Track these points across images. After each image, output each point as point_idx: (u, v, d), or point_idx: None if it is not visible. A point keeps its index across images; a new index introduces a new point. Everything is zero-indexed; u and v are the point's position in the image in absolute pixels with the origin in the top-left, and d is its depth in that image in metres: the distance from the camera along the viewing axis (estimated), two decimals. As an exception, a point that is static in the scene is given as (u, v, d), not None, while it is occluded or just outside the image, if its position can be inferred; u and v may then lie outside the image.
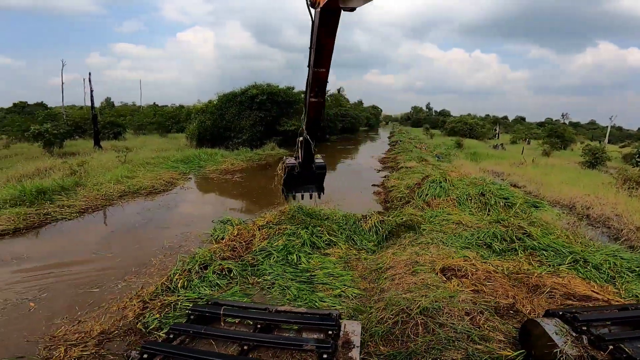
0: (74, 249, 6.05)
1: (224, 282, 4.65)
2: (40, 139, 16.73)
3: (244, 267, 5.03)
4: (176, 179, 12.01)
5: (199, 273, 4.77)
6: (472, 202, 7.90)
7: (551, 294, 3.81)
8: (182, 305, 4.02)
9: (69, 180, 9.62)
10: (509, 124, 72.25)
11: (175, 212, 8.45)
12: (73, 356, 3.19)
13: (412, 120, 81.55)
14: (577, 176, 13.14)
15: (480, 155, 19.99)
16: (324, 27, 3.94)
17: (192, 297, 4.22)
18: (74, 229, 7.19)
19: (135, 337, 3.53)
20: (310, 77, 4.64)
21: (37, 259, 5.64)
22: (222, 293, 4.38)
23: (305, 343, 2.28)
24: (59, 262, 5.51)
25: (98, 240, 6.51)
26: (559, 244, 5.46)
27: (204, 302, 3.89)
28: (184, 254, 5.66)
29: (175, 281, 4.53)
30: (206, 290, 4.41)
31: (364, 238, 6.40)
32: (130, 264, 5.45)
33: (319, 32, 3.99)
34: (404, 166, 14.45)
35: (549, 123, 67.33)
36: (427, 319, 3.24)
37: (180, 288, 4.41)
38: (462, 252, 5.26)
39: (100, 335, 3.51)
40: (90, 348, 3.31)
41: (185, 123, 25.72)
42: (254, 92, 20.85)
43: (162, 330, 3.61)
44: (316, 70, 4.42)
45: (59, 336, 3.54)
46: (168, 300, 4.12)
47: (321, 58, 4.32)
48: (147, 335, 3.56)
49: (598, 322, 2.30)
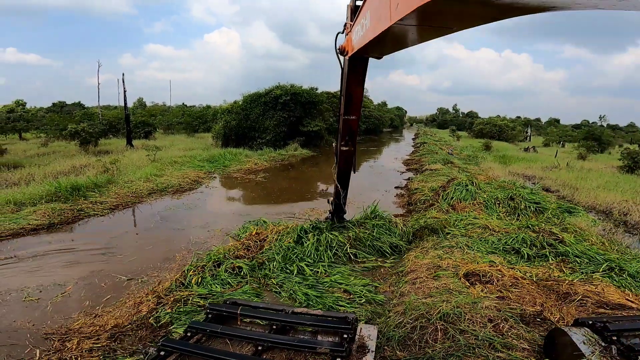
0: (104, 244, 6.31)
1: (235, 280, 4.66)
2: (77, 138, 17.57)
3: (252, 267, 5.01)
4: (202, 178, 12.31)
5: (211, 270, 4.81)
6: (500, 207, 7.62)
7: (582, 302, 3.60)
8: (193, 301, 4.07)
9: (102, 178, 10.06)
10: (541, 126, 69.32)
11: (201, 211, 8.65)
12: (85, 348, 3.26)
13: (437, 122, 79.91)
14: (614, 181, 12.42)
15: (510, 158, 19.29)
16: (352, 74, 4.03)
17: (203, 293, 4.27)
18: (106, 224, 7.50)
19: (147, 332, 3.58)
20: (340, 126, 4.74)
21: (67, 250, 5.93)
22: (233, 291, 4.39)
23: (320, 346, 2.26)
24: (80, 258, 5.77)
25: (125, 236, 6.76)
26: (594, 251, 5.16)
27: (216, 300, 3.97)
28: (205, 250, 5.77)
29: (189, 277, 4.61)
30: (217, 287, 4.44)
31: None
32: (156, 259, 5.62)
33: (348, 79, 4.10)
34: (428, 168, 14.16)
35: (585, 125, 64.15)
36: (447, 325, 3.14)
37: (193, 284, 4.47)
38: (487, 257, 5.08)
39: (114, 329, 3.58)
40: (102, 341, 3.37)
41: (212, 123, 26.31)
42: (278, 92, 21.06)
43: (172, 325, 3.66)
44: (346, 118, 4.53)
45: (75, 329, 3.64)
46: (180, 296, 4.19)
47: (350, 106, 4.42)
48: (157, 330, 3.61)
49: (630, 331, 2.15)
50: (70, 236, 6.76)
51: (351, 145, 4.88)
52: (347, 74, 4.07)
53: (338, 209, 6.04)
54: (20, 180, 10.42)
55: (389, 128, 56.11)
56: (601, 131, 32.68)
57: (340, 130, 4.78)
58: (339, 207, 5.99)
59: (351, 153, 4.99)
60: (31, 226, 6.87)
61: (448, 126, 59.71)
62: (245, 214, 8.21)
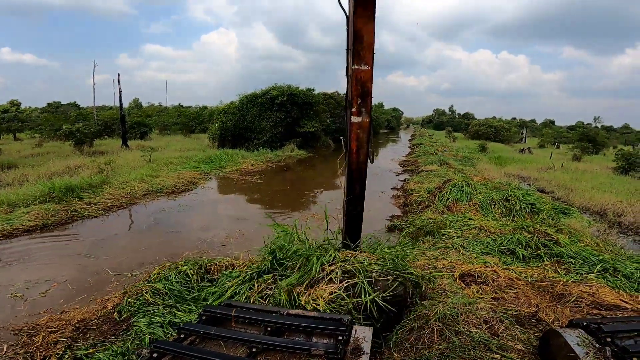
0: (96, 244, 6.27)
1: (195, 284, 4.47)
2: (72, 138, 17.45)
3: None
4: (197, 179, 12.25)
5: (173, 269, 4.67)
6: (496, 208, 7.65)
7: (577, 302, 3.61)
8: (145, 295, 4.07)
9: (96, 178, 9.99)
10: (536, 127, 69.77)
11: (196, 212, 8.61)
12: (50, 342, 3.39)
13: (434, 123, 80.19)
14: (609, 182, 12.53)
15: (506, 160, 19.39)
16: (360, 5, 3.18)
17: (159, 287, 4.21)
18: (99, 225, 7.45)
19: (110, 326, 3.70)
20: (348, 84, 3.57)
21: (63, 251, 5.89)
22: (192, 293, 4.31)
23: (314, 348, 2.24)
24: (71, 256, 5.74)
25: (117, 237, 6.72)
26: (588, 252, 5.19)
27: (165, 297, 4.00)
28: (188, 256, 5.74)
29: (153, 275, 4.57)
30: (177, 285, 4.32)
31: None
32: (146, 261, 5.59)
33: (355, 12, 3.22)
34: (424, 169, 14.20)
35: (579, 126, 64.63)
36: (443, 326, 3.13)
37: (154, 280, 4.42)
38: (483, 258, 5.09)
39: (79, 323, 3.71)
40: (67, 334, 3.51)
41: (208, 124, 26.26)
42: (275, 93, 21.06)
43: (133, 318, 3.73)
44: (356, 68, 3.32)
45: (43, 324, 3.75)
46: (140, 289, 4.20)
47: (361, 50, 3.31)
48: (120, 324, 3.71)
49: (624, 333, 2.15)
50: (63, 237, 6.70)
51: (366, 115, 3.46)
52: (353, 4, 3.19)
53: (352, 226, 4.03)
54: (13, 181, 10.33)
55: (385, 129, 56.22)
56: (596, 132, 32.90)
57: (348, 89, 3.47)
58: (353, 222, 4.00)
59: (366, 127, 3.52)
60: (24, 227, 6.80)
61: (444, 127, 59.98)
62: (241, 217, 8.18)
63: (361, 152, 3.72)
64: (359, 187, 3.86)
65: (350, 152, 3.68)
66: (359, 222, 4.05)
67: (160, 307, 3.87)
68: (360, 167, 3.77)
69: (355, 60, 3.32)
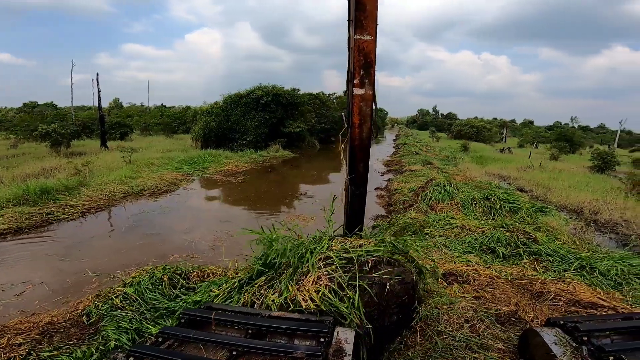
0: (72, 247, 6.06)
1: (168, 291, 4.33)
2: (48, 139, 16.91)
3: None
4: (180, 180, 12.02)
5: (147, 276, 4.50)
6: (477, 207, 7.78)
7: (555, 300, 3.69)
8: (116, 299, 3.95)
9: (73, 180, 9.68)
10: (516, 127, 71.53)
11: (177, 214, 8.43)
12: (14, 343, 3.33)
13: (418, 123, 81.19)
14: (585, 180, 12.91)
15: (487, 159, 19.79)
16: None
17: (129, 292, 4.08)
18: (76, 228, 7.21)
19: (77, 329, 3.61)
20: (350, 54, 3.42)
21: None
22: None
23: (295, 350, 2.21)
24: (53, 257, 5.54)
25: (94, 240, 6.52)
26: (565, 250, 5.32)
27: (133, 302, 3.89)
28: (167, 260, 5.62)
29: (128, 280, 4.43)
30: (152, 294, 4.17)
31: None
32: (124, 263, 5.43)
33: None
34: (408, 169, 14.33)
35: (557, 126, 66.58)
36: (425, 326, 3.15)
37: (128, 285, 4.26)
38: (465, 256, 5.15)
39: (47, 325, 3.63)
40: (32, 336, 3.45)
41: (192, 124, 25.86)
42: (259, 93, 20.91)
43: (102, 321, 3.63)
44: (358, 38, 3.19)
45: (10, 325, 3.65)
46: (113, 292, 4.09)
47: (364, 17, 3.15)
48: (88, 327, 3.61)
49: (600, 332, 2.19)
50: (39, 239, 6.47)
51: (369, 87, 3.33)
52: None
53: (354, 209, 3.90)
54: (-15, 184, 9.90)
55: (370, 129, 56.43)
56: (572, 132, 33.92)
57: (350, 61, 3.36)
58: (356, 204, 3.85)
59: (369, 100, 3.39)
60: (-3, 231, 6.53)
61: (428, 127, 60.79)
62: (224, 219, 8.05)
63: (364, 127, 3.47)
64: (363, 165, 3.63)
65: (353, 126, 3.47)
66: (362, 204, 3.85)
67: (129, 313, 3.76)
68: (363, 143, 3.53)
69: (357, 31, 3.20)
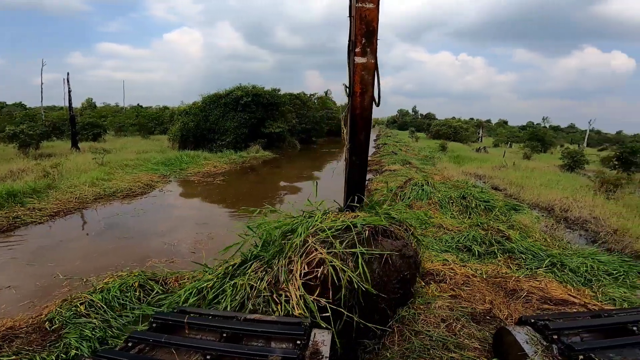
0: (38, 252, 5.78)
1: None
2: (15, 140, 16.15)
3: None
4: (156, 181, 11.70)
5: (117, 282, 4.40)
6: (454, 205, 7.92)
7: (528, 298, 3.78)
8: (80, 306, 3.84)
9: (41, 183, 9.27)
10: (492, 127, 73.60)
11: (151, 217, 8.19)
12: None
13: (398, 124, 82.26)
14: (556, 179, 13.37)
15: (464, 159, 20.22)
16: None
17: (95, 298, 3.95)
18: (43, 232, 6.88)
19: (39, 335, 3.48)
20: (351, 22, 3.41)
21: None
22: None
23: (271, 354, 2.16)
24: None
25: (63, 244, 6.24)
26: (537, 247, 5.48)
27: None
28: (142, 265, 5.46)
29: (97, 285, 4.31)
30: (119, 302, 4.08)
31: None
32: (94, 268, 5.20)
33: None
34: (388, 169, 14.47)
35: (530, 126, 68.92)
36: (403, 327, 3.16)
37: (99, 291, 4.15)
38: (442, 255, 5.22)
39: (7, 330, 3.49)
40: None
41: (169, 125, 25.25)
42: (239, 93, 20.65)
43: (65, 328, 3.51)
44: (360, 6, 3.16)
45: None
46: (79, 299, 3.96)
47: None
48: (51, 334, 3.47)
49: (570, 330, 2.24)
50: (5, 244, 6.18)
51: (371, 55, 3.32)
52: None
53: (354, 180, 3.92)
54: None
55: (350, 129, 56.69)
56: (544, 132, 35.23)
57: (352, 29, 3.36)
58: (356, 174, 3.88)
59: (371, 69, 3.36)
60: (-43, 237, 6.17)
61: (408, 127, 61.67)
62: (201, 221, 7.87)
63: (366, 95, 3.47)
64: (364, 134, 3.66)
65: (354, 95, 3.48)
66: (362, 174, 3.89)
67: (93, 320, 3.63)
68: (364, 112, 3.55)
69: None
